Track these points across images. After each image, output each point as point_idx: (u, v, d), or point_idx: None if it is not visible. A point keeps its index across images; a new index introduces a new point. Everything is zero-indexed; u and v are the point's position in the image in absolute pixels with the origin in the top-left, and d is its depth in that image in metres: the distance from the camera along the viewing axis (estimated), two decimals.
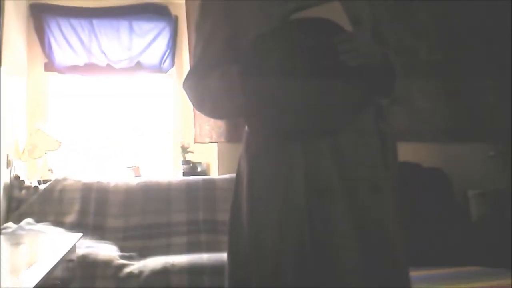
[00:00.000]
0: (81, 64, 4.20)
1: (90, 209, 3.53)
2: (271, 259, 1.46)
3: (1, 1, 3.42)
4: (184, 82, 1.65)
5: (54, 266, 1.91)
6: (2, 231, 3.14)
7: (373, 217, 1.47)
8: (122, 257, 3.04)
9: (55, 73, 4.21)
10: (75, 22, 4.16)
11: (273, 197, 1.49)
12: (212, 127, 4.00)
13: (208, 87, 1.55)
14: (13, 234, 3.08)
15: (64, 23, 4.14)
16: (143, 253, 3.26)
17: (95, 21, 4.19)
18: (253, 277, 1.49)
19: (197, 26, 1.64)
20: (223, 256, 3.01)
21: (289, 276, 1.43)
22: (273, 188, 1.49)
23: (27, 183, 3.66)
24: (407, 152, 3.85)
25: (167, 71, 4.36)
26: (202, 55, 1.60)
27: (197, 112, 3.99)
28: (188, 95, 1.65)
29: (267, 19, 1.47)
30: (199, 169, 4.09)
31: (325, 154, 1.46)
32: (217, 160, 4.03)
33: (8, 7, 3.59)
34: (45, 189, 3.61)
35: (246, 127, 1.62)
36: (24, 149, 3.76)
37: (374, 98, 1.54)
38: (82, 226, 3.42)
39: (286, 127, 1.47)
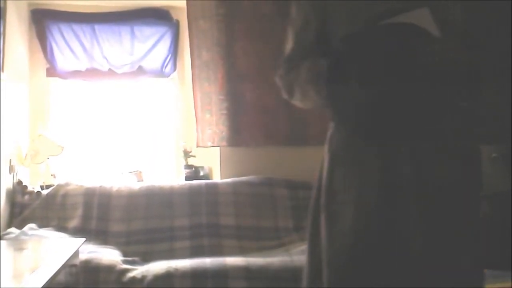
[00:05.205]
0: (83, 69, 4.21)
1: (92, 214, 3.53)
2: (344, 257, 1.49)
3: (3, 7, 3.43)
4: (276, 71, 1.71)
5: (57, 271, 1.91)
6: (5, 237, 3.14)
7: (450, 223, 1.46)
8: (125, 262, 3.04)
9: (57, 79, 4.22)
10: (76, 27, 4.17)
11: (348, 196, 1.51)
12: (214, 131, 4.01)
13: (298, 77, 1.61)
14: (16, 239, 3.08)
15: (66, 29, 4.15)
16: (146, 258, 3.25)
17: (96, 26, 4.20)
18: (329, 277, 1.52)
19: (290, 20, 1.70)
20: (226, 260, 3.03)
21: (361, 279, 1.46)
22: (349, 187, 1.51)
23: (29, 188, 3.66)
24: None
25: (169, 76, 4.37)
26: (294, 46, 1.67)
27: (199, 116, 4.02)
28: (278, 84, 1.70)
29: (355, 20, 1.51)
30: (201, 173, 4.09)
31: (403, 157, 1.47)
32: (219, 164, 4.03)
33: (10, 13, 3.60)
34: (47, 194, 3.62)
35: (330, 122, 1.64)
36: (26, 155, 3.77)
37: (457, 101, 1.53)
38: (85, 231, 3.42)
39: (365, 127, 1.50)
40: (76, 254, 2.38)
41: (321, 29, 1.60)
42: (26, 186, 3.65)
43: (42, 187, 3.76)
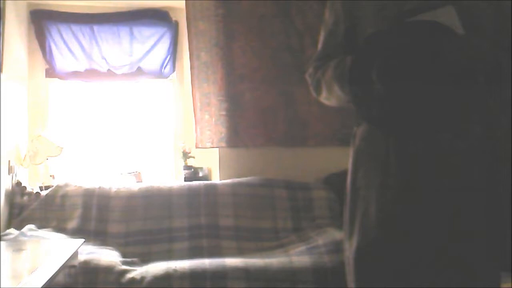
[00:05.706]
0: (82, 70, 4.20)
1: (91, 215, 3.53)
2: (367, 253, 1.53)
3: (2, 7, 3.42)
4: (307, 70, 1.77)
5: (56, 272, 1.90)
6: (4, 238, 3.13)
7: (469, 220, 1.47)
8: (124, 263, 3.04)
9: (56, 79, 4.22)
10: (75, 28, 4.17)
11: (371, 192, 1.55)
12: (213, 132, 4.01)
13: (324, 74, 1.66)
14: (15, 240, 3.08)
15: (65, 29, 4.15)
16: (145, 259, 3.25)
17: (95, 27, 4.20)
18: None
19: (323, 20, 1.78)
20: (225, 261, 3.03)
21: (384, 276, 1.50)
22: (371, 183, 1.55)
23: (28, 189, 3.66)
24: None
25: (167, 77, 4.37)
26: (324, 45, 1.74)
27: (198, 117, 4.02)
28: (308, 81, 1.77)
29: (382, 19, 1.55)
30: (200, 174, 4.09)
31: (424, 153, 1.49)
32: (218, 165, 4.02)
33: (9, 13, 3.60)
34: (46, 195, 3.61)
35: (354, 118, 1.68)
36: (25, 155, 3.77)
37: (480, 101, 1.54)
38: (84, 231, 3.42)
39: (386, 123, 1.54)
40: (75, 255, 2.38)
41: (350, 29, 1.65)
42: (25, 187, 3.65)
43: (41, 188, 3.76)
